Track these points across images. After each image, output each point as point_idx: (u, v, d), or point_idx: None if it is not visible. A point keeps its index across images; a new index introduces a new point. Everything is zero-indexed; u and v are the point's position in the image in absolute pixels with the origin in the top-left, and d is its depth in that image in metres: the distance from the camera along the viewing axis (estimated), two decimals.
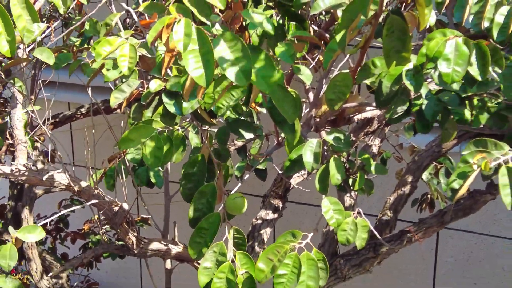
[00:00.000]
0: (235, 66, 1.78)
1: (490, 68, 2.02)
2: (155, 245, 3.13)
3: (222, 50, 1.78)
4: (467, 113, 2.25)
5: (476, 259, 5.39)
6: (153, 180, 3.02)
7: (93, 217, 4.66)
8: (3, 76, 2.68)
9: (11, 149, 3.60)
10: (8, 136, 3.26)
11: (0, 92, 2.89)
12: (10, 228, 3.10)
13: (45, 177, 2.63)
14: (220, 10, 2.16)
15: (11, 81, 2.83)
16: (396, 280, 5.76)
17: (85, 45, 3.20)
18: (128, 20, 3.23)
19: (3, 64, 2.46)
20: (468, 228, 5.28)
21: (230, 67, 1.78)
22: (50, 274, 3.88)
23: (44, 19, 3.45)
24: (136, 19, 2.61)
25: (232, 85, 2.02)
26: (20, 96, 2.93)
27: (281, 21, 2.52)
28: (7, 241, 4.27)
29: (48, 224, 4.62)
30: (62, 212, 3.76)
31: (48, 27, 2.64)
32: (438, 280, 5.61)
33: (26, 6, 1.94)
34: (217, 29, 2.04)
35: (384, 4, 1.90)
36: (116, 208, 2.87)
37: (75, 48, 3.19)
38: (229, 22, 2.24)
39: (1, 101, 3.64)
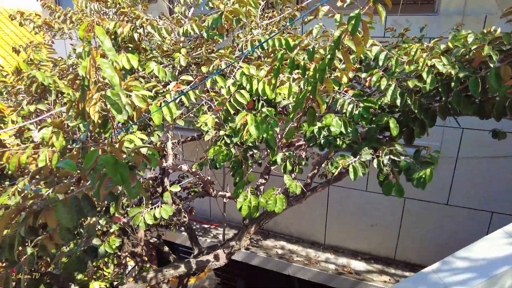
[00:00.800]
0: (262, 127, 1.86)
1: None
2: (220, 192, 3.12)
3: (254, 122, 1.84)
4: (339, 142, 2.21)
5: (350, 201, 5.30)
6: (218, 166, 2.84)
7: (190, 182, 4.70)
8: (164, 128, 2.79)
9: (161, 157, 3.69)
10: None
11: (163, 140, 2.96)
12: (167, 186, 3.10)
13: (178, 167, 2.64)
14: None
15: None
16: (314, 221, 5.60)
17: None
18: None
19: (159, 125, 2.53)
20: (343, 185, 5.17)
21: (261, 127, 1.85)
22: (176, 204, 3.88)
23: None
24: (212, 106, 2.64)
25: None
26: (170, 137, 3.01)
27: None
28: (157, 191, 4.32)
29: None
30: (185, 181, 3.83)
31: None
32: (329, 216, 5.50)
33: (175, 104, 2.04)
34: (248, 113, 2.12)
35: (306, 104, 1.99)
36: (205, 178, 2.87)
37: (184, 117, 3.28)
38: (252, 110, 2.24)
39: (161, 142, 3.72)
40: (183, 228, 4.12)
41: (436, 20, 4.37)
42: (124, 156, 1.23)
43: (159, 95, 2.17)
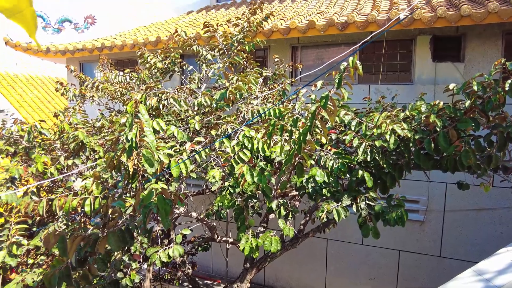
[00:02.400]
0: (256, 177, 2.19)
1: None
2: (224, 238, 3.34)
3: (254, 172, 2.19)
4: (325, 192, 2.52)
5: (348, 255, 5.45)
6: (222, 216, 3.10)
7: (194, 236, 4.87)
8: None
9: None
10: None
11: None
12: (174, 238, 3.31)
13: (189, 214, 2.93)
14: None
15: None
16: (315, 276, 5.74)
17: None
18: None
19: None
20: (341, 239, 5.38)
21: (256, 177, 2.20)
22: (181, 256, 4.03)
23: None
24: (220, 163, 3.10)
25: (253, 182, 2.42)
26: (183, 187, 3.38)
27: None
28: (164, 242, 4.55)
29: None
30: (192, 225, 4.06)
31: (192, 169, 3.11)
32: (328, 270, 5.66)
33: (189, 161, 2.51)
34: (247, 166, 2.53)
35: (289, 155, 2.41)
36: (211, 224, 3.14)
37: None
38: (252, 165, 2.59)
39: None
40: (186, 283, 4.28)
41: (412, 88, 5.09)
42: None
43: (176, 153, 2.67)
